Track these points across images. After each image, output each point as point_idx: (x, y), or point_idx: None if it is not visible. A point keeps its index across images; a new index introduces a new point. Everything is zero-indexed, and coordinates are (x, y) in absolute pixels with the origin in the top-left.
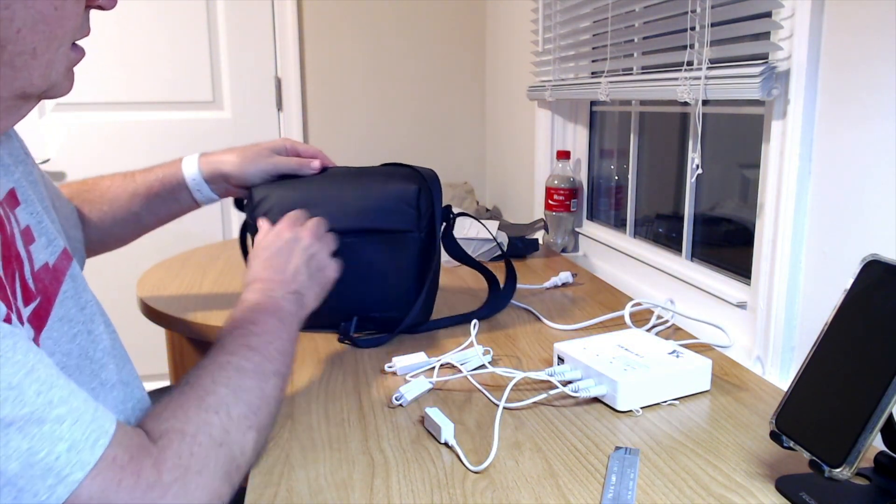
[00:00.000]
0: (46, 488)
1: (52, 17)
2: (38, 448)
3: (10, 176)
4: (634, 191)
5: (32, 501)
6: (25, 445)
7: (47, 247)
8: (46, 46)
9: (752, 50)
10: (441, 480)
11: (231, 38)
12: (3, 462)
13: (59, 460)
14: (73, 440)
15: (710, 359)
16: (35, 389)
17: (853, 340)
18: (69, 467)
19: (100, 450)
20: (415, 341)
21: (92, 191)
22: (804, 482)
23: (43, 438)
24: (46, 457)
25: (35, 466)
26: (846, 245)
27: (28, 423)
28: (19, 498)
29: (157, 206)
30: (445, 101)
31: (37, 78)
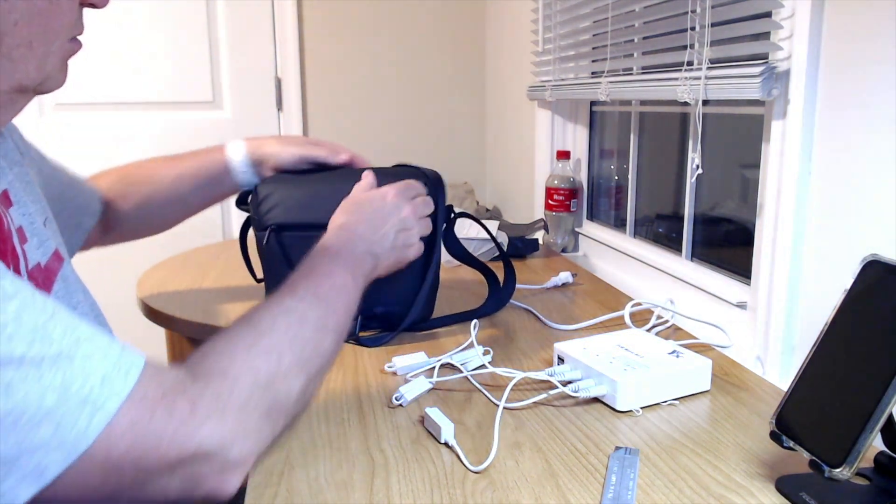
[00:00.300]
0: (84, 417)
1: (47, 12)
2: (71, 381)
3: (4, 178)
4: (634, 191)
5: (72, 432)
6: (59, 380)
7: (39, 247)
8: (42, 40)
9: (752, 50)
10: (441, 480)
11: (231, 38)
12: (39, 396)
13: (93, 391)
14: (104, 372)
15: (710, 359)
16: (61, 330)
17: (853, 340)
18: (104, 397)
19: (132, 380)
20: (415, 341)
21: (136, 173)
22: (804, 482)
23: (75, 371)
24: (81, 388)
25: (71, 399)
26: (846, 245)
27: (59, 358)
28: (59, 430)
29: (201, 188)
30: (445, 101)
31: (33, 70)
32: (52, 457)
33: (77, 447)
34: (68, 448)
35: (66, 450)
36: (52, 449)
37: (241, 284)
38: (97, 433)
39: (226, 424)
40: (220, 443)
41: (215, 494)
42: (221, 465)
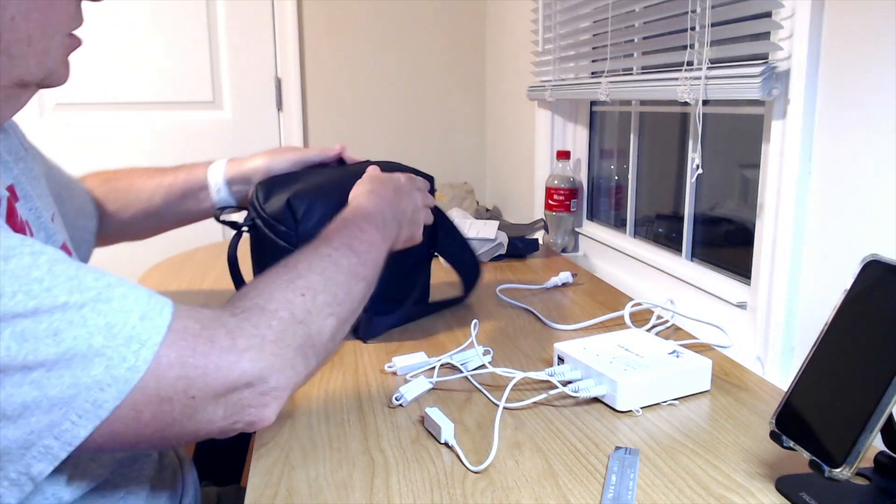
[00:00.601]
0: (132, 353)
1: (44, 6)
2: (114, 321)
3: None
4: (634, 191)
5: (123, 367)
6: (102, 321)
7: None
8: (41, 34)
9: (752, 50)
10: (441, 480)
11: (231, 38)
12: (87, 338)
13: (135, 328)
14: (142, 311)
15: (710, 359)
16: (92, 276)
17: (853, 340)
18: (146, 332)
19: (168, 316)
20: (415, 341)
21: (121, 179)
22: (804, 482)
23: (115, 312)
24: (124, 327)
25: (117, 336)
26: (846, 245)
27: (98, 302)
28: (110, 367)
29: (177, 202)
30: (445, 101)
31: (33, 66)
32: (107, 393)
33: (129, 381)
34: (121, 383)
35: (119, 385)
36: (105, 385)
37: None
38: (146, 366)
39: (264, 355)
40: (259, 372)
41: (256, 423)
42: (261, 393)
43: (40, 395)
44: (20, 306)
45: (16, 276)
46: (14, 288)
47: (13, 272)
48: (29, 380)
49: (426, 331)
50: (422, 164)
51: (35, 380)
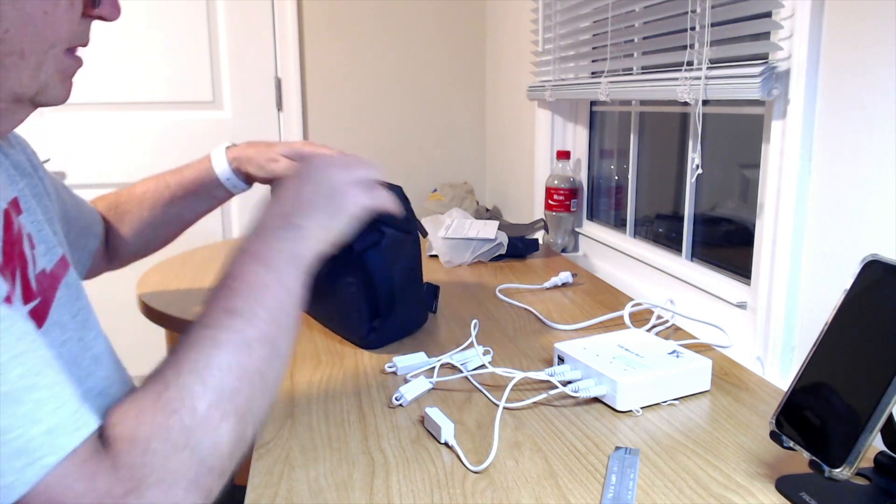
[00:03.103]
0: (15, 469)
1: (41, 21)
2: (11, 426)
3: (15, 186)
4: (634, 191)
5: (1, 482)
6: (4, 420)
7: (46, 254)
8: (35, 49)
9: (752, 50)
10: (441, 480)
11: (231, 38)
12: None
13: (32, 441)
14: (51, 424)
15: (710, 359)
16: (19, 372)
17: (853, 340)
18: (43, 450)
19: (77, 440)
20: (415, 341)
21: (129, 201)
22: (804, 482)
23: (17, 418)
24: (19, 437)
25: (6, 445)
26: (846, 245)
27: (4, 401)
28: None
29: (195, 204)
30: (445, 101)
31: (26, 79)
32: None
33: (3, 500)
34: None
35: None
36: None
37: None
38: (24, 490)
39: (147, 502)
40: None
41: None
42: None
43: None
44: None
45: None
46: None
47: None
48: None
49: (426, 331)
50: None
51: None
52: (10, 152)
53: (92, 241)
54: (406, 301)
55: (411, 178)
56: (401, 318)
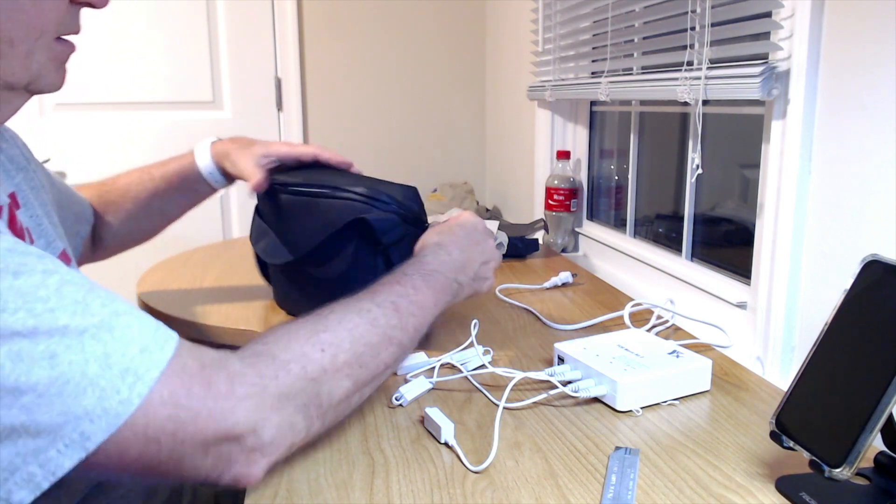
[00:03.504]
0: (127, 386)
1: (29, 8)
2: (112, 350)
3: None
4: (634, 191)
5: (115, 399)
6: (101, 349)
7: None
8: (24, 37)
9: (752, 50)
10: (441, 480)
11: (231, 38)
12: (83, 365)
13: (134, 360)
14: (143, 343)
15: (710, 359)
16: (100, 302)
17: (853, 340)
18: (144, 365)
19: (169, 351)
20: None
21: (112, 192)
22: (804, 482)
23: (116, 342)
24: (122, 358)
25: (113, 367)
26: (846, 245)
27: (100, 330)
28: (102, 397)
29: (179, 198)
30: (445, 101)
31: (17, 68)
32: (96, 425)
33: (119, 416)
34: (111, 416)
35: (108, 418)
36: (95, 417)
37: (241, 284)
38: (139, 401)
39: (263, 408)
40: (253, 424)
41: (241, 480)
42: (251, 449)
43: (29, 420)
44: (20, 324)
45: (22, 293)
46: (17, 304)
47: (20, 288)
48: (19, 403)
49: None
50: (422, 164)
51: (25, 404)
52: (3, 147)
53: (84, 227)
54: None
55: (411, 178)
56: None
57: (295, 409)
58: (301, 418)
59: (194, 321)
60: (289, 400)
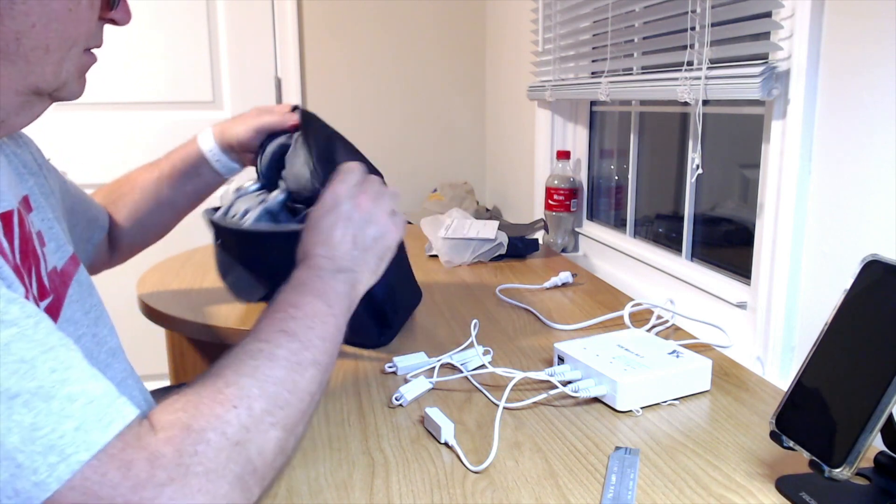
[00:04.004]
0: (47, 466)
1: (65, 17)
2: (42, 423)
3: (25, 184)
4: (634, 191)
5: (32, 479)
6: (29, 420)
7: (56, 251)
8: (59, 45)
9: (752, 50)
10: (441, 480)
11: (231, 38)
12: (3, 434)
13: (63, 439)
14: (83, 419)
15: (710, 359)
16: (50, 367)
17: (853, 340)
18: (74, 446)
19: (113, 430)
20: (415, 341)
21: (122, 185)
22: (804, 482)
23: (50, 414)
24: (51, 433)
25: (37, 442)
26: (846, 245)
27: (35, 396)
28: (18, 474)
29: (183, 183)
30: (445, 101)
31: (49, 74)
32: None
33: (31, 500)
34: (22, 500)
35: (21, 499)
36: (5, 497)
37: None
38: (57, 486)
39: (187, 493)
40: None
41: None
42: None
43: None
44: None
45: None
46: None
47: None
48: None
49: (426, 331)
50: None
51: None
52: (17, 151)
53: (98, 233)
54: (404, 290)
55: (411, 178)
56: (404, 307)
57: (227, 483)
58: (234, 490)
59: (194, 321)
60: (216, 474)
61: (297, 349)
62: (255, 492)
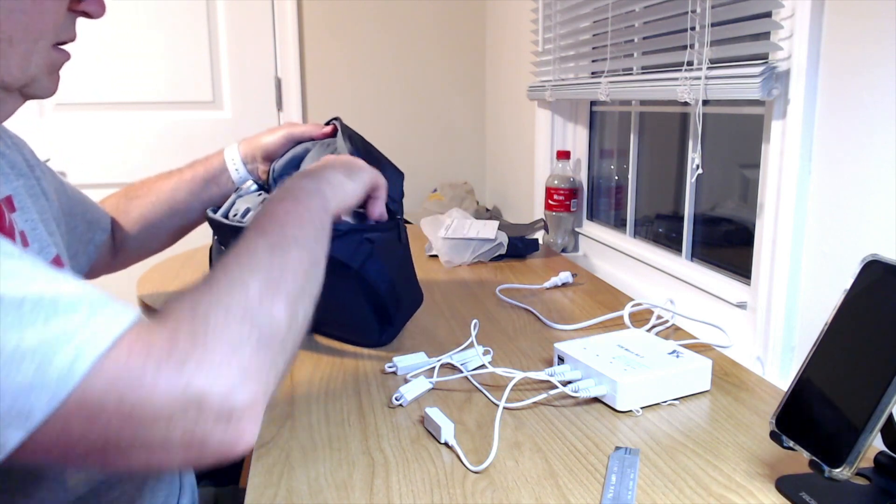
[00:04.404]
0: (67, 357)
1: (30, 10)
2: (53, 323)
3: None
4: (634, 191)
5: (55, 371)
6: (42, 318)
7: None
8: (23, 37)
9: (752, 50)
10: (441, 480)
11: (231, 38)
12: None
13: (78, 331)
14: (91, 315)
15: (710, 359)
16: (46, 275)
17: (853, 340)
18: (88, 336)
19: (124, 323)
20: (415, 341)
21: (139, 188)
22: (804, 482)
23: (59, 314)
24: (65, 328)
25: (55, 338)
26: (846, 245)
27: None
28: (41, 369)
29: (201, 190)
30: (445, 101)
31: (14, 68)
32: (38, 397)
33: (62, 387)
34: (52, 388)
35: (50, 390)
36: (35, 389)
37: None
38: (83, 372)
39: (215, 364)
40: (212, 384)
41: (227, 448)
42: (222, 410)
43: None
44: None
45: None
46: None
47: None
48: None
49: (426, 331)
50: (422, 164)
51: None
52: (5, 152)
53: (99, 234)
54: (407, 289)
55: (411, 178)
56: (405, 306)
57: (253, 351)
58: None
59: None
60: (237, 347)
61: (275, 236)
62: (280, 362)
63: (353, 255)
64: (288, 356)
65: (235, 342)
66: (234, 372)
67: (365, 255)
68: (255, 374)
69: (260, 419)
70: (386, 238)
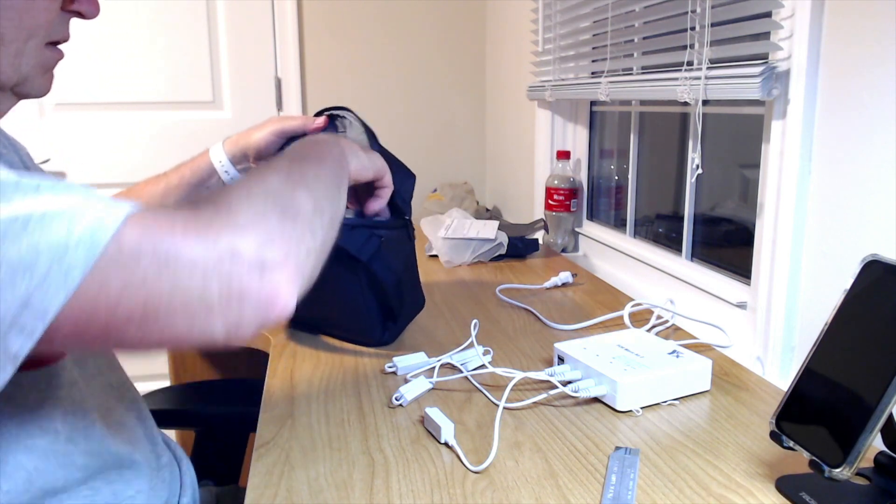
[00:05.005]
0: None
1: (22, 7)
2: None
3: None
4: (634, 191)
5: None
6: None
7: None
8: (15, 36)
9: (752, 50)
10: (441, 480)
11: (231, 38)
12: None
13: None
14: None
15: (710, 359)
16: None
17: (853, 340)
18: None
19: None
20: (415, 341)
21: (130, 193)
22: (804, 482)
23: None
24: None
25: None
26: (846, 245)
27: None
28: (71, 226)
29: (189, 195)
30: (445, 100)
31: (6, 67)
32: (74, 255)
33: (98, 239)
34: (87, 244)
35: (86, 246)
36: (70, 248)
37: None
38: (117, 224)
39: (240, 226)
40: (242, 238)
41: (266, 305)
42: (255, 259)
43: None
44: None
45: None
46: None
47: None
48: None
49: (426, 331)
50: (422, 164)
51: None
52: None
53: None
54: (411, 288)
55: None
56: (409, 306)
57: (279, 220)
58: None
59: None
60: (264, 216)
61: (294, 158)
62: (307, 240)
63: (361, 249)
64: (317, 244)
65: (259, 212)
66: (261, 231)
67: (373, 250)
68: (281, 238)
69: (295, 285)
70: (394, 236)
